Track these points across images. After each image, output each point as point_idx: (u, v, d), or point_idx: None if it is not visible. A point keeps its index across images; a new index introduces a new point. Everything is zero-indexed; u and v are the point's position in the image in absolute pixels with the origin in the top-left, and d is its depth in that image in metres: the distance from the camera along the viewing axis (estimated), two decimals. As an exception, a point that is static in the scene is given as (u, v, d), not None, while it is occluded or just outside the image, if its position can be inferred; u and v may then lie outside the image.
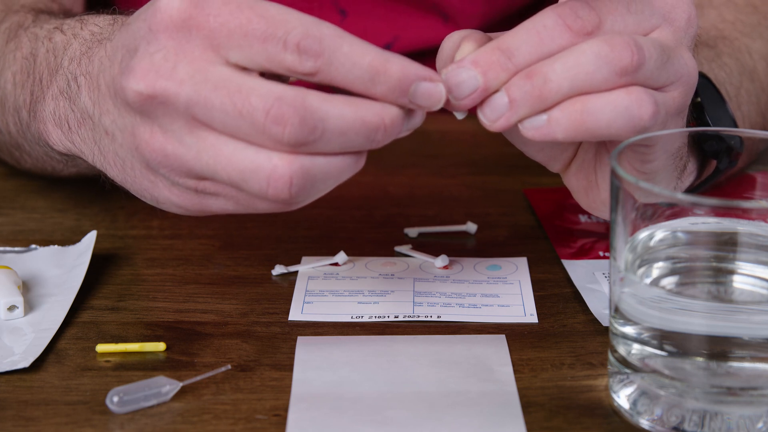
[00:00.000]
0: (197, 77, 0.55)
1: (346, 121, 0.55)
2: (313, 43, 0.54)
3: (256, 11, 0.55)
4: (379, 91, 0.56)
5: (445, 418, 0.57)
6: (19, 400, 0.59)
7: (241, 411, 0.58)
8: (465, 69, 0.58)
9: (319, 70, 0.55)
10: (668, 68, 0.59)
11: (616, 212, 0.57)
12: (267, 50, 0.55)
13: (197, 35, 0.56)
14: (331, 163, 0.57)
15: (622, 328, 0.57)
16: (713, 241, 0.57)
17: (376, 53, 0.56)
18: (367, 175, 0.88)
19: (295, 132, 0.54)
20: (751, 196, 0.61)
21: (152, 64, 0.56)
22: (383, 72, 0.56)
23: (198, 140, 0.56)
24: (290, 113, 0.54)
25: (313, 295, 0.69)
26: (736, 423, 0.55)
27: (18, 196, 0.83)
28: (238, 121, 0.55)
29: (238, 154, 0.55)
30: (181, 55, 0.56)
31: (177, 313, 0.68)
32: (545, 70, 0.57)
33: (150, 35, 0.56)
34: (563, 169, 0.68)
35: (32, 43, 0.71)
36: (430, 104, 0.57)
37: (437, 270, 0.73)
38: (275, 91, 0.54)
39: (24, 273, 0.71)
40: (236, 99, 0.55)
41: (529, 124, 0.58)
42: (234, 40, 0.55)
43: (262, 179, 0.55)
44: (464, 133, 0.99)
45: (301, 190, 0.56)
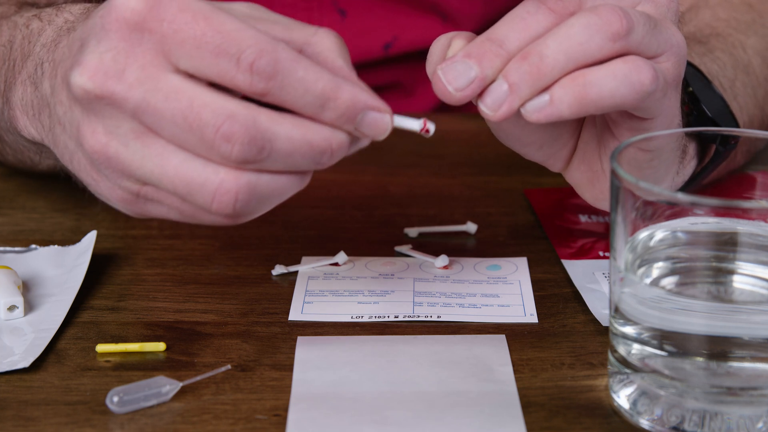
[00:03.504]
0: (148, 84, 0.54)
1: (294, 143, 0.55)
2: (267, 65, 0.54)
3: (212, 23, 0.54)
4: (327, 117, 0.56)
5: (445, 418, 0.57)
6: (19, 400, 0.59)
7: (241, 411, 0.58)
8: (460, 62, 0.58)
9: (269, 91, 0.54)
10: (657, 36, 0.60)
11: (616, 212, 0.57)
12: (219, 65, 0.54)
13: (149, 39, 0.54)
14: (277, 180, 0.56)
15: (622, 328, 0.57)
16: (713, 241, 0.57)
17: (329, 80, 0.55)
18: (367, 175, 0.89)
19: (243, 150, 0.54)
20: (751, 196, 0.61)
21: (101, 64, 0.55)
22: (333, 99, 0.55)
23: (144, 146, 0.55)
24: (240, 132, 0.54)
25: (313, 295, 0.69)
26: (736, 423, 0.55)
27: (18, 196, 0.83)
28: (188, 134, 0.54)
29: (185, 165, 0.55)
30: (131, 58, 0.55)
31: (177, 313, 0.68)
32: (539, 49, 0.58)
33: (102, 32, 0.55)
34: (564, 166, 0.68)
35: (11, 31, 0.71)
36: (375, 134, 0.57)
37: (437, 270, 0.73)
38: (228, 107, 0.54)
39: (24, 273, 0.71)
40: (187, 113, 0.54)
41: (532, 106, 0.58)
42: (186, 50, 0.54)
43: (208, 193, 0.55)
44: (464, 132, 0.99)
45: (245, 205, 0.55)
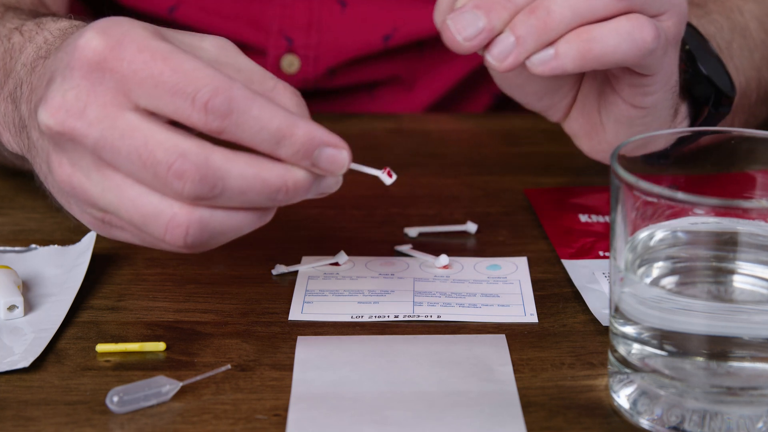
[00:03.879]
0: (105, 122, 0.56)
1: (248, 180, 0.56)
2: (221, 104, 0.55)
3: (169, 63, 0.55)
4: (283, 153, 0.56)
5: (445, 418, 0.57)
6: (19, 400, 0.59)
7: (241, 411, 0.58)
8: (468, 12, 0.60)
9: (225, 129, 0.55)
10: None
11: (616, 212, 0.57)
12: (175, 104, 0.55)
13: (110, 78, 0.56)
14: (232, 217, 0.57)
15: (622, 327, 0.57)
16: (713, 241, 0.57)
17: (284, 117, 0.56)
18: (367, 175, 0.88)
19: (194, 188, 0.55)
20: (751, 196, 0.61)
21: (64, 102, 0.56)
22: (289, 136, 0.56)
23: (104, 178, 0.57)
24: (191, 170, 0.55)
25: (313, 295, 0.69)
26: (736, 423, 0.55)
27: (18, 196, 0.83)
28: (142, 171, 0.55)
29: (141, 198, 0.56)
30: (92, 97, 0.56)
31: (177, 313, 0.68)
32: (547, 4, 0.60)
33: (67, 71, 0.57)
34: (563, 116, 0.71)
35: None
36: (333, 169, 0.58)
37: (437, 270, 0.73)
38: (180, 146, 0.55)
39: (24, 273, 0.71)
40: (142, 151, 0.55)
41: (537, 59, 0.61)
42: (144, 89, 0.55)
43: (161, 225, 0.56)
44: (465, 132, 0.99)
45: (196, 240, 0.56)
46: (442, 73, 1.05)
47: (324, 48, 1.00)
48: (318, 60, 1.01)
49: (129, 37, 0.56)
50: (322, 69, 1.01)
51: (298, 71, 1.01)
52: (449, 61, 1.05)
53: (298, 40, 1.00)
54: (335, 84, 1.03)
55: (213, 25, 1.00)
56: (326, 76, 1.02)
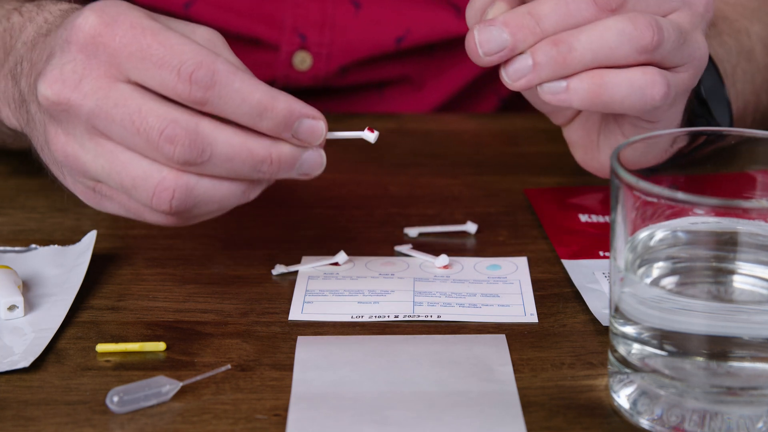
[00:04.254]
0: (100, 93, 0.59)
1: (234, 148, 0.59)
2: (204, 76, 0.58)
3: (157, 38, 0.58)
4: (265, 125, 0.59)
5: (445, 418, 0.57)
6: (19, 400, 0.59)
7: (241, 411, 0.58)
8: (496, 28, 0.62)
9: (208, 101, 0.58)
10: (683, 50, 0.63)
11: (616, 212, 0.57)
12: (161, 75, 0.58)
13: (103, 52, 0.59)
14: (217, 186, 0.60)
15: (622, 327, 0.57)
16: (713, 241, 0.57)
17: (265, 91, 0.59)
18: (367, 174, 0.89)
19: (184, 152, 0.58)
20: (751, 196, 0.61)
21: (61, 74, 0.60)
22: (270, 109, 0.59)
23: (97, 146, 0.60)
24: (182, 134, 0.58)
25: (313, 295, 0.69)
26: (736, 423, 0.55)
27: (18, 196, 0.83)
28: (135, 137, 0.59)
29: (132, 162, 0.59)
30: (87, 70, 0.59)
31: (177, 313, 0.68)
32: (571, 40, 0.61)
33: (65, 45, 0.60)
34: (566, 122, 0.72)
35: None
36: (311, 139, 0.61)
37: (437, 270, 0.73)
38: (171, 113, 0.58)
39: (24, 273, 0.71)
40: (134, 117, 0.58)
41: (548, 88, 0.62)
42: (133, 62, 0.59)
43: (149, 188, 0.59)
44: (465, 132, 0.99)
45: (181, 205, 0.60)
46: (452, 74, 1.06)
47: (337, 47, 1.00)
48: (330, 58, 1.01)
49: (123, 15, 0.59)
50: (333, 67, 1.01)
51: (310, 68, 1.01)
52: (459, 64, 1.05)
53: (311, 38, 1.00)
54: (345, 82, 1.03)
55: (227, 21, 1.00)
56: (337, 74, 1.02)
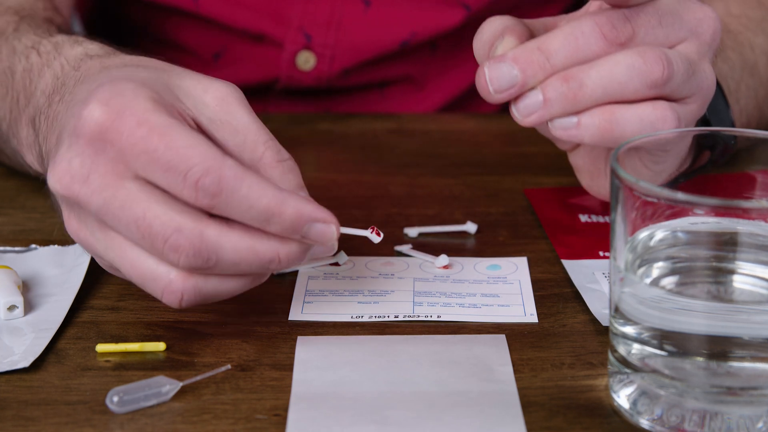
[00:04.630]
0: (107, 191, 0.59)
1: (240, 253, 0.59)
2: (211, 183, 0.57)
3: (164, 140, 0.58)
4: (273, 229, 0.59)
5: (445, 418, 0.57)
6: (19, 400, 0.59)
7: (241, 411, 0.58)
8: (506, 64, 0.61)
9: (215, 207, 0.58)
10: (691, 82, 0.63)
11: (616, 212, 0.57)
12: (168, 179, 0.58)
13: (111, 149, 0.59)
14: (225, 282, 0.60)
15: (622, 328, 0.57)
16: (713, 241, 0.57)
17: (273, 196, 0.58)
18: (367, 175, 0.89)
19: (189, 260, 0.58)
20: (751, 196, 0.61)
21: (70, 168, 0.59)
22: (278, 214, 0.58)
23: (106, 238, 0.60)
24: (186, 245, 0.58)
25: (313, 295, 0.69)
26: (736, 423, 0.55)
27: (18, 196, 0.83)
28: (141, 240, 0.59)
29: (140, 260, 0.60)
30: (95, 165, 0.59)
31: (177, 313, 0.68)
32: (581, 76, 0.61)
33: (73, 137, 0.60)
34: (572, 148, 0.72)
35: (10, 58, 0.75)
36: (323, 242, 0.60)
37: (437, 270, 0.73)
38: (176, 220, 0.58)
39: (24, 273, 0.71)
40: (140, 222, 0.58)
41: (559, 124, 0.62)
42: (141, 162, 0.58)
43: (158, 288, 0.60)
44: (465, 133, 0.99)
45: (190, 303, 0.60)
46: (454, 75, 1.06)
47: (341, 48, 1.01)
48: (334, 59, 1.01)
49: (129, 110, 0.58)
50: (337, 69, 1.01)
51: (314, 68, 1.01)
52: (462, 64, 1.05)
53: (316, 38, 1.00)
54: (348, 83, 1.03)
55: (234, 15, 1.00)
56: (341, 75, 1.02)
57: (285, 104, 1.05)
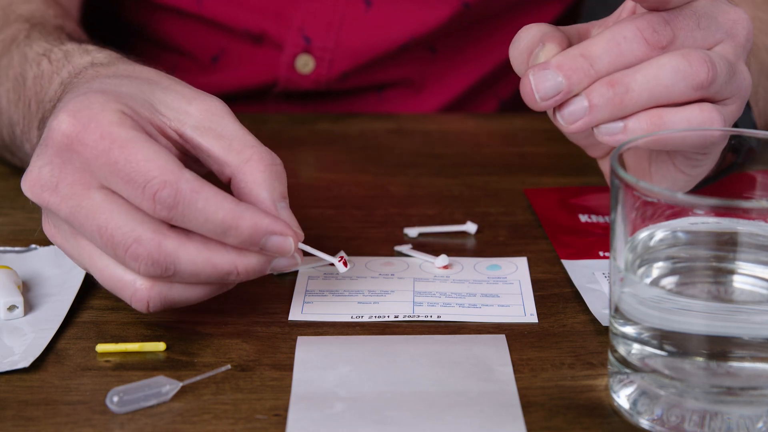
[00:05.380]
0: (73, 200, 0.61)
1: (197, 265, 0.60)
2: (168, 196, 0.59)
3: (124, 153, 0.60)
4: (230, 242, 0.61)
5: (445, 418, 0.57)
6: (19, 400, 0.59)
7: (241, 411, 0.58)
8: (550, 71, 0.61)
9: (172, 218, 0.60)
10: (732, 83, 0.63)
11: (616, 212, 0.57)
12: (128, 190, 0.60)
13: (77, 159, 0.61)
14: (190, 290, 0.62)
15: (622, 328, 0.57)
16: (713, 241, 0.57)
17: (229, 209, 0.60)
18: (367, 175, 0.89)
19: (148, 269, 0.60)
20: (751, 196, 0.61)
21: (40, 177, 0.62)
22: (234, 227, 0.60)
23: (78, 245, 0.63)
24: (145, 254, 0.60)
25: (313, 295, 0.69)
26: (736, 423, 0.55)
27: (18, 196, 0.83)
28: (105, 248, 0.61)
29: (108, 269, 0.62)
30: (63, 174, 0.61)
31: (177, 313, 0.67)
32: (627, 80, 0.61)
33: (43, 147, 0.62)
34: (602, 156, 0.71)
35: (22, 65, 0.77)
36: (281, 254, 0.62)
37: (437, 270, 0.73)
38: (136, 231, 0.60)
39: (24, 273, 0.71)
40: (103, 232, 0.60)
41: (606, 129, 0.61)
42: (103, 173, 0.60)
43: (127, 295, 0.62)
44: (464, 132, 0.99)
45: (157, 308, 0.62)
46: (452, 77, 1.06)
47: (340, 51, 1.00)
48: (333, 63, 1.01)
49: (95, 122, 0.61)
50: (336, 72, 1.01)
51: (312, 72, 1.01)
52: (460, 67, 1.05)
53: (316, 41, 1.00)
54: (346, 86, 1.03)
55: (236, 15, 1.00)
56: (339, 79, 1.02)
57: (283, 107, 1.05)
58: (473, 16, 1.02)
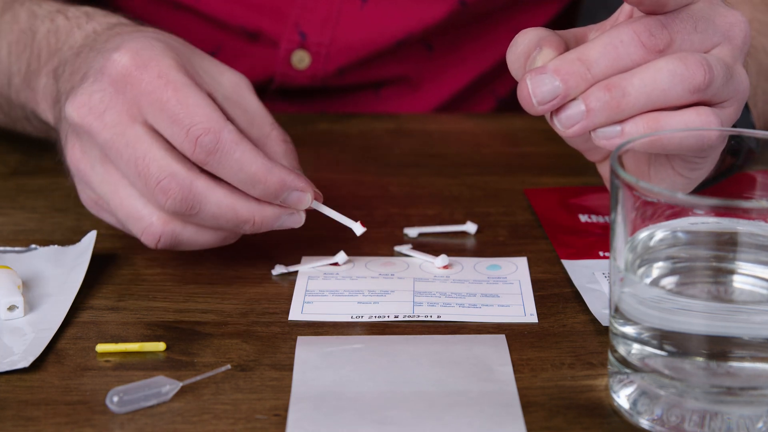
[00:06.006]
0: (117, 128, 0.66)
1: (221, 209, 0.66)
2: (210, 141, 0.65)
3: (177, 95, 0.65)
4: (256, 193, 0.67)
5: (445, 418, 0.57)
6: (19, 400, 0.59)
7: (241, 411, 0.58)
8: (547, 75, 0.61)
9: (208, 163, 0.65)
10: (729, 86, 0.63)
11: (616, 212, 0.57)
12: (172, 129, 0.65)
13: (130, 91, 0.66)
14: (200, 234, 0.68)
15: (622, 328, 0.57)
16: (713, 241, 0.57)
17: (262, 164, 0.66)
18: (367, 175, 0.89)
19: (175, 204, 0.65)
20: (751, 196, 0.61)
21: (89, 100, 0.67)
22: (263, 181, 0.66)
23: (105, 172, 0.67)
24: (175, 189, 0.65)
25: (313, 295, 0.69)
26: (736, 423, 0.55)
27: (18, 196, 0.83)
28: (136, 178, 0.66)
29: (130, 199, 0.67)
30: (113, 102, 0.66)
31: (177, 313, 0.68)
32: (624, 84, 0.60)
33: (98, 74, 0.67)
34: (601, 160, 0.71)
35: (30, 20, 0.80)
36: (298, 207, 0.68)
37: (437, 270, 0.73)
38: (172, 167, 0.65)
39: (24, 273, 0.71)
40: (139, 162, 0.65)
41: (603, 133, 0.61)
42: (152, 110, 0.65)
43: (139, 228, 0.67)
44: (465, 133, 0.99)
45: (165, 245, 0.67)
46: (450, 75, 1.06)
47: (336, 46, 1.00)
48: (329, 58, 1.01)
49: (154, 61, 0.66)
50: (332, 68, 1.01)
51: (308, 67, 1.01)
52: (458, 65, 1.05)
53: (311, 37, 1.00)
54: (343, 82, 1.03)
55: (232, 11, 1.00)
56: (335, 74, 1.02)
57: (280, 105, 1.05)
58: (470, 14, 1.02)
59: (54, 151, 0.73)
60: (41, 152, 0.89)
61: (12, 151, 0.91)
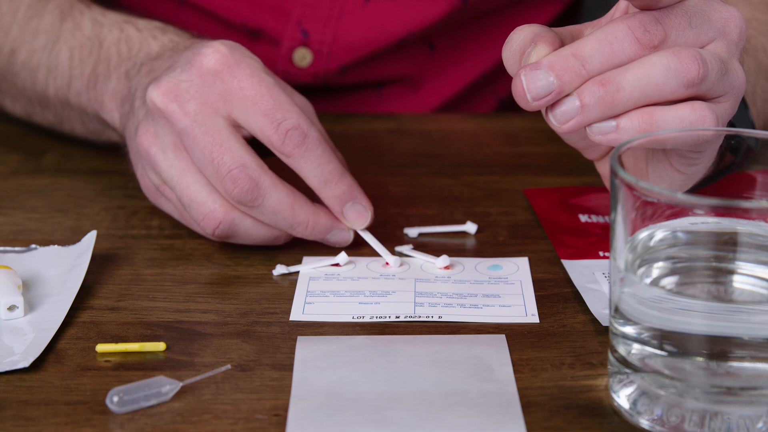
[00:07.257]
0: (199, 117, 0.71)
1: (282, 205, 0.71)
2: (298, 136, 0.70)
3: (270, 92, 0.71)
4: (325, 193, 0.72)
5: (445, 418, 0.57)
6: (19, 400, 0.59)
7: (241, 411, 0.58)
8: (542, 71, 0.61)
9: (292, 155, 0.71)
10: (725, 80, 0.63)
11: (616, 212, 0.57)
12: (263, 122, 0.70)
13: (219, 86, 0.71)
14: (256, 228, 0.72)
15: (622, 328, 0.57)
16: (713, 241, 0.57)
17: (338, 165, 0.72)
18: (367, 175, 0.88)
19: (241, 193, 0.70)
20: (751, 196, 0.61)
21: (176, 87, 0.71)
22: (336, 181, 0.72)
23: (176, 158, 0.71)
24: (244, 180, 0.70)
25: (314, 296, 0.69)
26: (736, 423, 0.55)
27: (18, 196, 0.83)
28: (208, 165, 0.70)
29: (196, 185, 0.71)
30: (198, 94, 0.71)
31: (177, 313, 0.68)
32: (618, 79, 0.61)
33: (188, 65, 0.72)
34: (600, 158, 0.71)
35: (96, 28, 0.84)
36: (356, 222, 0.74)
37: (438, 270, 0.73)
38: (245, 159, 0.70)
39: (24, 273, 0.71)
40: (215, 149, 0.70)
41: (598, 128, 0.61)
42: (243, 104, 0.71)
43: (201, 212, 0.71)
44: (465, 132, 0.99)
45: (222, 234, 0.72)
46: (451, 75, 1.06)
47: (338, 44, 1.00)
48: (331, 57, 1.01)
49: (246, 62, 0.72)
50: (333, 66, 1.01)
51: (310, 66, 1.01)
52: (459, 64, 1.05)
53: (313, 35, 1.00)
54: (344, 81, 1.03)
55: (234, 8, 1.00)
56: (337, 73, 1.02)
57: None
58: (471, 13, 1.02)
59: (53, 153, 0.74)
60: (41, 152, 0.89)
61: (12, 151, 0.91)
